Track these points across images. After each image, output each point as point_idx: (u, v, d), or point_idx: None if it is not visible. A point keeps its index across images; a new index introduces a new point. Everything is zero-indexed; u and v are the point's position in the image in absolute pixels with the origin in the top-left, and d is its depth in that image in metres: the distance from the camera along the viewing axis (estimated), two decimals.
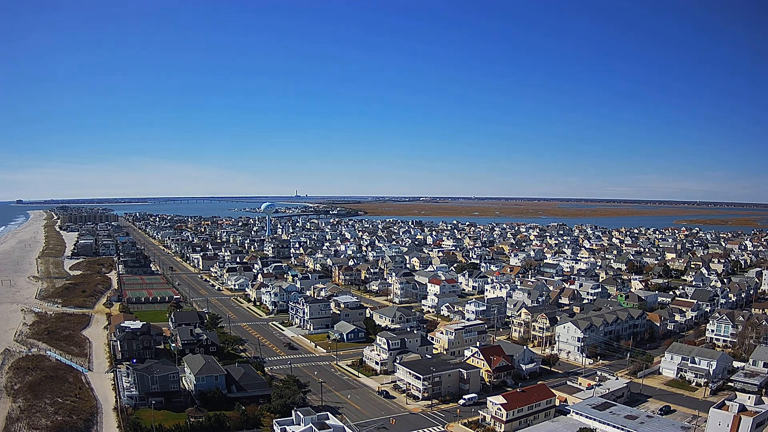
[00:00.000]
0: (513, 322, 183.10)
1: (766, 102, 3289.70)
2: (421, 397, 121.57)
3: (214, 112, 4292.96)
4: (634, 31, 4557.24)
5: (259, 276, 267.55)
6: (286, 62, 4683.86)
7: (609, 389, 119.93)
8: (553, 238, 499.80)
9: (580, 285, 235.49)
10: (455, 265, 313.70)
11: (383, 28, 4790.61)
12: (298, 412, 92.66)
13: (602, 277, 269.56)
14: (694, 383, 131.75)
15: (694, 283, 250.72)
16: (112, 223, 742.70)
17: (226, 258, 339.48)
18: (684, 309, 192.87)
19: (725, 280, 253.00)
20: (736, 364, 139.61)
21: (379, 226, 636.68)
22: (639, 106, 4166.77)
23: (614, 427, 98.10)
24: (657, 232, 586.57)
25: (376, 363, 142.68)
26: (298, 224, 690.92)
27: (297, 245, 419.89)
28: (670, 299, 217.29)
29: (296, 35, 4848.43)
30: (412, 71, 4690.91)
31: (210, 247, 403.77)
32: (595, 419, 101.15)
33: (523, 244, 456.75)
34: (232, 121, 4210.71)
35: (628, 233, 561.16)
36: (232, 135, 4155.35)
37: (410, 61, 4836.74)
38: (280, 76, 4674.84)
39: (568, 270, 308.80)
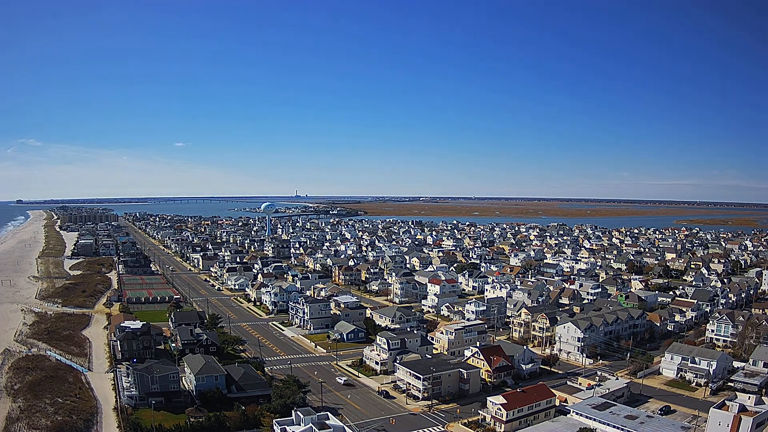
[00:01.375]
0: (513, 322, 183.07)
1: (765, 103, 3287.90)
2: (421, 397, 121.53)
3: (213, 111, 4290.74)
4: (634, 32, 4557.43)
5: (259, 276, 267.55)
6: (287, 60, 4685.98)
7: (609, 389, 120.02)
8: (553, 238, 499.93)
9: (580, 285, 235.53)
10: (455, 265, 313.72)
11: (384, 27, 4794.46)
12: (298, 412, 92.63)
13: (602, 277, 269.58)
14: (694, 383, 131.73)
15: (694, 283, 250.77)
16: (112, 223, 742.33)
17: (226, 258, 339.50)
18: (684, 309, 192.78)
19: (725, 280, 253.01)
20: (736, 364, 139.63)
21: (379, 226, 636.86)
22: (640, 107, 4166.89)
23: (614, 427, 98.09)
24: (657, 232, 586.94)
25: (376, 363, 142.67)
26: (298, 224, 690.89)
27: (297, 245, 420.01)
28: (670, 299, 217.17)
29: (296, 33, 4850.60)
30: (412, 71, 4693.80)
31: (210, 247, 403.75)
32: (595, 419, 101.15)
33: (523, 244, 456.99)
34: (232, 120, 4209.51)
35: (628, 233, 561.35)
36: (231, 134, 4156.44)
37: (410, 60, 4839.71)
38: (280, 75, 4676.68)
39: (568, 270, 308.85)
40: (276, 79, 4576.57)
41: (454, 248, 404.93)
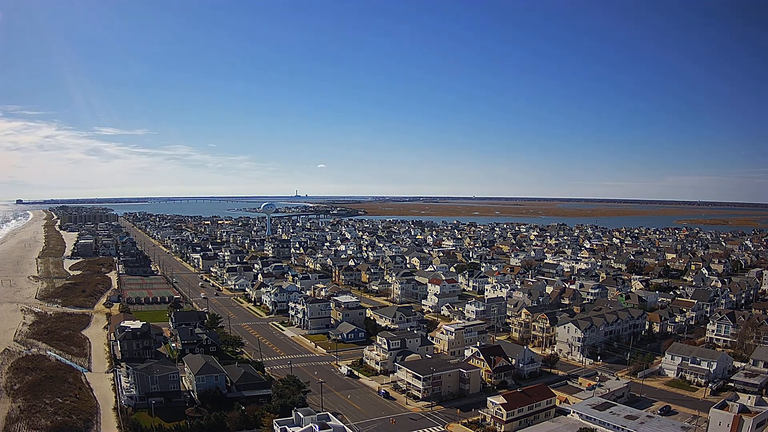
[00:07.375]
0: (513, 322, 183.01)
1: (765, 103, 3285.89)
2: (421, 397, 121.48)
3: (212, 110, 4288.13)
4: (637, 30, 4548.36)
5: (259, 276, 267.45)
6: (286, 60, 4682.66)
7: (609, 389, 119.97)
8: (553, 238, 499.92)
9: (581, 285, 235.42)
10: (455, 265, 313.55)
11: (384, 27, 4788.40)
12: (299, 413, 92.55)
13: (602, 277, 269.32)
14: (694, 383, 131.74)
15: (694, 283, 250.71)
16: (112, 223, 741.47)
17: (226, 258, 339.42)
18: (684, 309, 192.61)
19: (725, 280, 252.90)
20: (736, 364, 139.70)
21: (379, 226, 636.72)
22: (640, 106, 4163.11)
23: (614, 427, 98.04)
24: (657, 232, 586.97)
25: (376, 363, 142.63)
26: (298, 224, 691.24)
27: (297, 245, 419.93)
28: (670, 299, 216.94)
29: (296, 32, 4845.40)
30: (412, 70, 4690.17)
31: (210, 247, 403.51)
32: (595, 419, 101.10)
33: (523, 244, 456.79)
34: (231, 120, 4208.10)
35: (628, 233, 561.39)
36: (231, 134, 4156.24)
37: (411, 60, 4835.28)
38: (280, 74, 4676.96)
39: (569, 270, 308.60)
40: (276, 80, 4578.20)
41: (454, 248, 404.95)
